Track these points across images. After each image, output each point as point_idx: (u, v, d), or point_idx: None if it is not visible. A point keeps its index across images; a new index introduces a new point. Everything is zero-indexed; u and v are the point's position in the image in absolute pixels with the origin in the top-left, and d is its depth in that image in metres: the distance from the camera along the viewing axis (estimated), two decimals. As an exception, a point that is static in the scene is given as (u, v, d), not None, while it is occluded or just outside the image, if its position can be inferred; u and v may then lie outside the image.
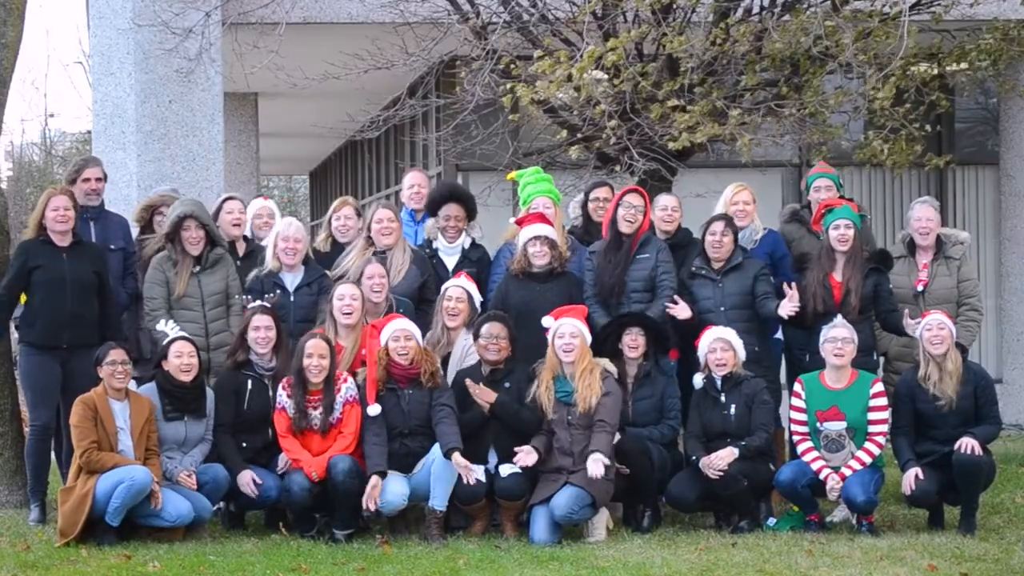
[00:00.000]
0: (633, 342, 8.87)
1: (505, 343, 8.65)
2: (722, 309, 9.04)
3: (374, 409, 8.41)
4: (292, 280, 9.10)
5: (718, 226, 9.14)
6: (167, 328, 8.60)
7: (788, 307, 8.84)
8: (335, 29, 12.91)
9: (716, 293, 9.09)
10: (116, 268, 9.28)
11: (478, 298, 9.05)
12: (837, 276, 9.04)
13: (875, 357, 9.20)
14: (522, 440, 8.54)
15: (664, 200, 9.59)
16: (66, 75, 57.98)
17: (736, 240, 9.19)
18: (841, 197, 9.52)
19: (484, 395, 8.53)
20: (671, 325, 9.06)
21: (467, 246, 9.49)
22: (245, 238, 9.56)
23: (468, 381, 8.53)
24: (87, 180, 9.40)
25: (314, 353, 8.40)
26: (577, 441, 8.44)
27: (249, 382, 8.62)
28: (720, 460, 8.49)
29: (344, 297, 8.72)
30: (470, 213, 9.57)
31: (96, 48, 12.14)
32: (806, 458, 8.55)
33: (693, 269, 9.17)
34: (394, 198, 12.36)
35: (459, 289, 8.91)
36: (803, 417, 8.62)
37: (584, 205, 9.77)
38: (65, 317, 8.84)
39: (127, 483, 8.04)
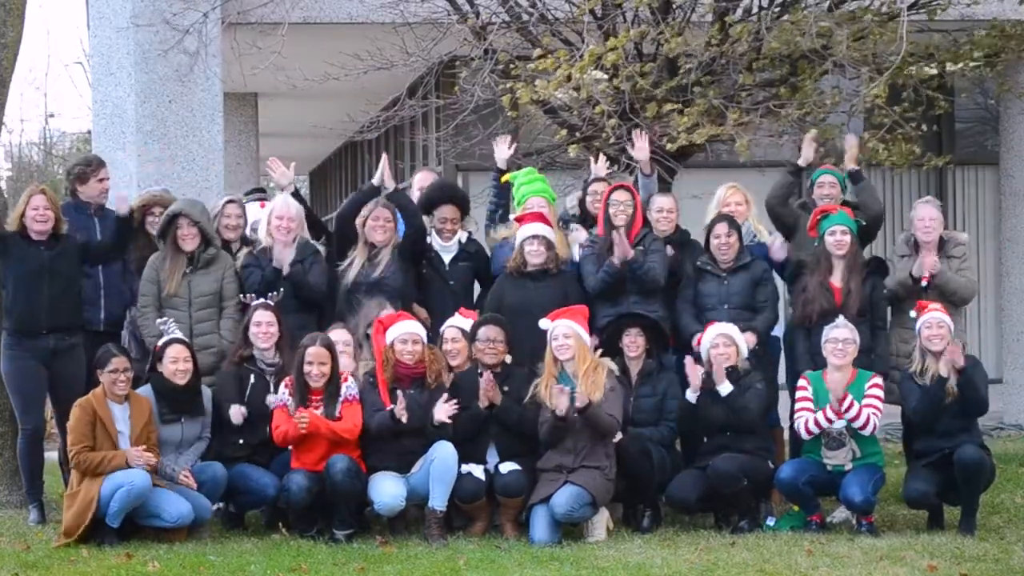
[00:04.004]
0: (632, 343, 8.88)
1: (502, 346, 8.65)
2: (725, 307, 9.04)
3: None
4: (285, 257, 9.09)
5: (721, 228, 9.13)
6: (166, 327, 8.61)
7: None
8: (334, 29, 12.91)
9: (721, 291, 9.10)
10: (117, 264, 9.29)
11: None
12: (836, 281, 9.05)
13: (873, 357, 9.20)
14: (522, 440, 8.56)
15: (660, 201, 9.57)
16: (66, 75, 57.86)
17: (741, 239, 9.19)
18: (844, 203, 9.51)
19: (493, 395, 8.53)
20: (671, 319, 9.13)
21: (463, 240, 9.50)
22: (244, 240, 9.56)
23: (485, 375, 8.51)
24: (102, 180, 9.44)
25: (315, 361, 8.41)
26: (579, 439, 8.42)
27: (252, 377, 8.65)
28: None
29: (338, 344, 8.66)
30: (464, 212, 9.60)
31: (96, 48, 12.14)
32: (801, 416, 8.57)
33: (699, 264, 9.17)
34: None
35: (453, 329, 8.83)
36: (811, 405, 8.60)
37: (582, 200, 9.78)
38: (44, 304, 8.85)
39: (126, 487, 8.06)
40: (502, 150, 9.90)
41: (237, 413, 8.48)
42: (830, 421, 8.51)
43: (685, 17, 10.65)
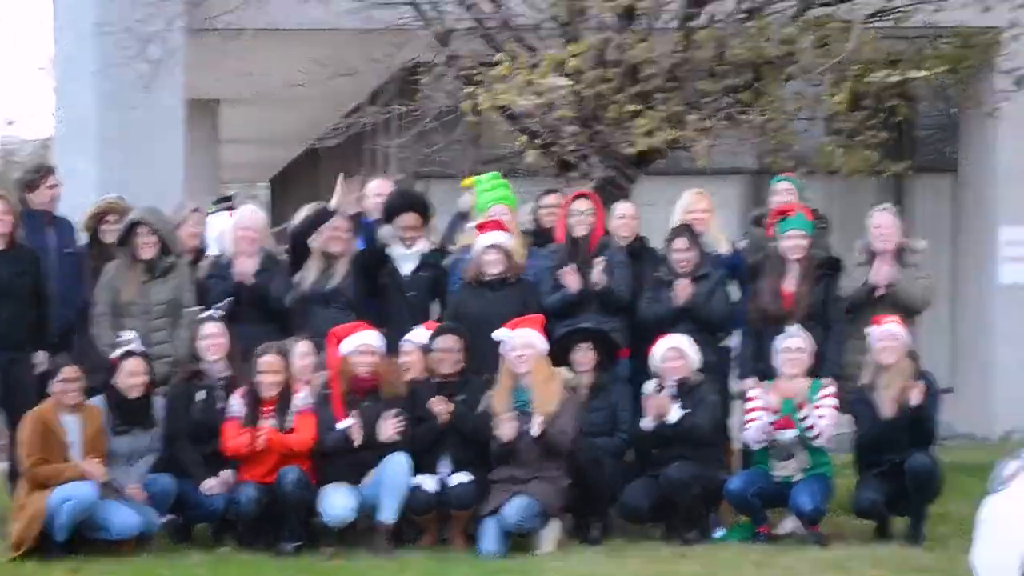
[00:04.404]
0: (583, 358, 8.89)
1: (459, 355, 8.67)
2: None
3: (346, 423, 8.41)
4: (250, 267, 9.10)
5: (681, 243, 9.12)
6: (126, 342, 8.59)
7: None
8: (299, 36, 12.86)
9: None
10: (71, 272, 9.26)
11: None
12: (788, 285, 9.06)
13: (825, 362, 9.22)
14: (476, 449, 8.56)
15: (621, 208, 9.60)
16: (27, 81, 57.13)
17: (702, 249, 9.20)
18: (804, 204, 9.55)
19: (442, 408, 8.54)
20: (628, 327, 9.13)
21: (426, 251, 9.48)
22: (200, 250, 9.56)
23: (432, 400, 8.54)
24: (52, 187, 9.40)
25: (267, 371, 8.42)
26: (532, 450, 8.43)
27: (198, 393, 8.63)
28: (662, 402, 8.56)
29: (307, 356, 8.68)
30: (426, 220, 9.59)
31: (59, 54, 12.12)
32: (753, 413, 8.61)
33: (659, 275, 9.17)
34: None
35: (407, 343, 8.87)
36: (761, 415, 8.62)
37: (535, 211, 9.79)
38: (0, 323, 8.81)
39: (72, 501, 8.01)
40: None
41: (213, 488, 8.42)
42: (775, 425, 8.54)
43: (649, 24, 10.64)
